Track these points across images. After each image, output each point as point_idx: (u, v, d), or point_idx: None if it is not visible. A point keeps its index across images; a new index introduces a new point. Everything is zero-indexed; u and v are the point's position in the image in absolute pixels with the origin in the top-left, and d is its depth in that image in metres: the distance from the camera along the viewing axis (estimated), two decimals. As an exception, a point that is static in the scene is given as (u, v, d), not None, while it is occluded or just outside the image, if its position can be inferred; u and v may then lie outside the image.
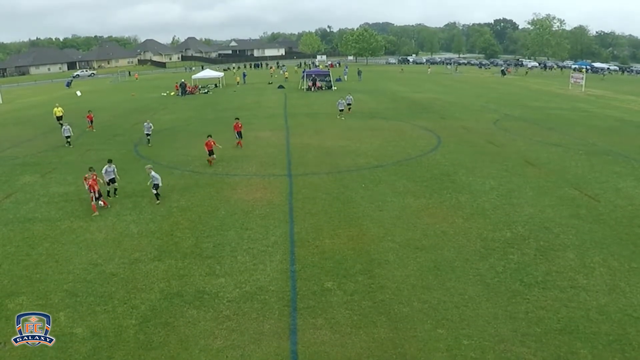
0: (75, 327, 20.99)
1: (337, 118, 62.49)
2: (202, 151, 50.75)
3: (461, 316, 21.56)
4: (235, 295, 23.52)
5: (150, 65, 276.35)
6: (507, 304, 22.61)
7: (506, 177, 41.66)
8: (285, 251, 28.21)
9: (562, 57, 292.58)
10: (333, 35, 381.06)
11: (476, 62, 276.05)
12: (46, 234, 31.35)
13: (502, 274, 25.37)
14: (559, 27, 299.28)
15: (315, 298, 23.20)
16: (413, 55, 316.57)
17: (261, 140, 57.86)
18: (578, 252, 27.84)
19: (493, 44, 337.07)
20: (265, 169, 44.77)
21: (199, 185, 40.47)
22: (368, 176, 41.94)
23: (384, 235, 30.22)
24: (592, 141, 56.09)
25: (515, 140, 57.68)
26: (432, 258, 27.13)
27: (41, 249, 29.07)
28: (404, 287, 24.07)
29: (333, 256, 27.45)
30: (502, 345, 19.48)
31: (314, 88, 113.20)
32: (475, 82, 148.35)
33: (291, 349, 19.38)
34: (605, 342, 19.75)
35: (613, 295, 23.37)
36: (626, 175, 43.13)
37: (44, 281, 25.20)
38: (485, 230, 30.95)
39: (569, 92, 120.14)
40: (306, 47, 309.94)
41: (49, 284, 24.93)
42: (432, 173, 43.04)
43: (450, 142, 55.89)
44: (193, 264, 26.74)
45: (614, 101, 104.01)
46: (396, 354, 19.05)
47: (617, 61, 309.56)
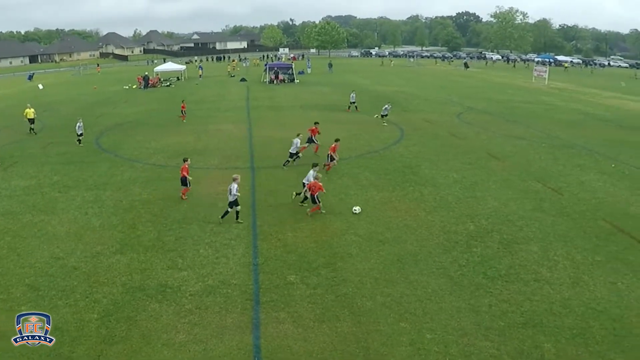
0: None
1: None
2: (164, 144, 50.66)
3: (424, 310, 21.59)
4: (197, 288, 23.38)
5: (112, 58, 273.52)
6: (470, 297, 22.70)
7: (469, 170, 41.86)
8: (247, 244, 28.11)
9: (525, 50, 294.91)
10: (296, 28, 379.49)
11: (439, 55, 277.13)
12: (7, 228, 30.88)
13: (466, 267, 25.48)
14: (522, 20, 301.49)
15: (278, 292, 23.12)
16: (376, 48, 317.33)
17: (224, 133, 57.57)
18: (541, 246, 28.06)
19: (456, 37, 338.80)
20: (227, 161, 44.56)
21: (161, 178, 40.17)
22: (331, 169, 41.69)
23: (346, 228, 30.23)
24: (555, 134, 56.56)
25: (478, 133, 58.04)
26: (395, 251, 27.17)
27: (2, 243, 28.63)
28: (367, 281, 24.08)
29: (296, 249, 27.41)
30: (466, 339, 19.53)
31: (277, 81, 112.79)
32: (438, 75, 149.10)
33: (254, 343, 19.30)
34: (569, 336, 19.88)
35: (576, 289, 23.56)
36: (589, 168, 43.55)
37: (5, 275, 24.84)
38: (448, 223, 31.07)
39: (532, 85, 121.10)
40: (269, 40, 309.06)
41: (10, 278, 24.58)
42: (395, 166, 43.14)
43: (413, 135, 56.05)
44: (155, 258, 26.52)
45: (577, 94, 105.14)
46: (359, 348, 19.04)
47: (581, 54, 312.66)
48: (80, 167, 40.94)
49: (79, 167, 41.39)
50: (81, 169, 40.55)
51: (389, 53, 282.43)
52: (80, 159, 43.70)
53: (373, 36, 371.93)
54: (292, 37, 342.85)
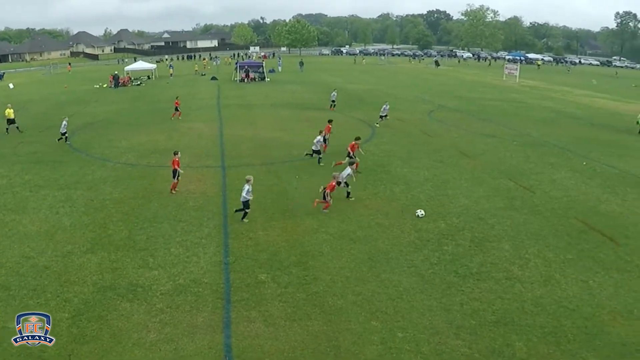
0: (8, 322, 20.22)
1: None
2: (135, 142, 50.31)
3: (395, 308, 21.57)
4: (168, 287, 23.22)
5: (83, 57, 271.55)
6: (441, 295, 22.70)
7: (441, 168, 41.93)
8: (218, 243, 27.96)
9: (496, 48, 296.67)
10: (266, 26, 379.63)
11: (410, 53, 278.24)
12: (-23, 228, 30.56)
13: (437, 265, 25.49)
14: (493, 18, 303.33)
15: (249, 290, 23.01)
16: (347, 47, 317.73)
17: (194, 131, 57.20)
18: (513, 244, 28.16)
19: (427, 34, 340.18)
20: (198, 160, 44.30)
21: (132, 177, 39.84)
22: (302, 168, 41.85)
23: (318, 227, 30.18)
24: (526, 132, 56.87)
25: (450, 131, 58.21)
26: (367, 250, 27.14)
27: (-28, 242, 28.33)
28: (338, 279, 24.04)
29: (267, 248, 27.29)
30: (437, 338, 19.52)
31: (248, 80, 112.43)
32: (409, 73, 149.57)
33: (225, 342, 19.19)
34: (541, 335, 19.95)
35: (548, 287, 23.66)
36: (561, 166, 43.82)
37: (-25, 275, 24.57)
38: (419, 221, 31.06)
39: (503, 83, 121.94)
40: (239, 38, 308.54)
41: (-20, 277, 24.33)
42: (366, 164, 43.04)
43: (384, 133, 56.07)
44: (126, 257, 26.28)
45: (548, 92, 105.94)
46: (330, 347, 18.98)
47: (552, 52, 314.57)
48: (51, 166, 40.61)
49: (50, 166, 41.06)
50: (52, 168, 40.24)
51: (359, 51, 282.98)
52: (51, 158, 43.34)
53: (344, 34, 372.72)
54: (262, 36, 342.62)
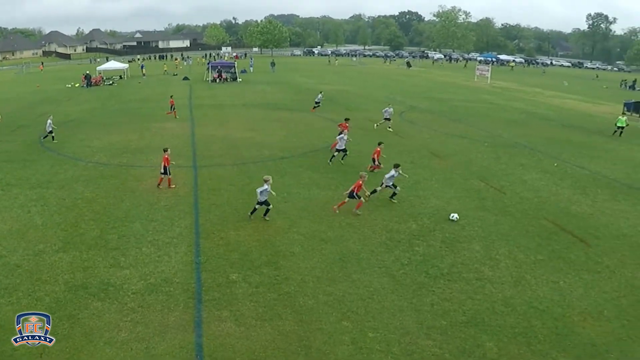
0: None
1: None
2: (107, 142, 50.06)
3: (366, 309, 21.63)
4: (140, 287, 23.13)
5: (55, 57, 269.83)
6: (412, 296, 22.79)
7: (412, 169, 41.96)
8: (190, 243, 27.91)
9: (468, 49, 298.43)
10: (238, 26, 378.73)
11: (381, 54, 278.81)
12: (-52, 227, 30.31)
13: (408, 265, 25.59)
14: (465, 19, 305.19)
15: (221, 290, 22.98)
16: (318, 47, 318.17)
17: (166, 131, 56.98)
18: (484, 244, 28.35)
19: (398, 36, 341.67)
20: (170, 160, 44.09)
21: (104, 176, 39.58)
22: (273, 168, 41.78)
23: (289, 227, 30.20)
24: (497, 133, 57.18)
25: (421, 132, 58.46)
26: (338, 250, 27.20)
27: (-58, 242, 28.11)
28: (309, 279, 24.08)
29: (238, 248, 27.27)
30: (408, 338, 19.61)
31: (219, 80, 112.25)
32: (381, 74, 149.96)
33: (196, 342, 19.18)
34: (511, 335, 20.10)
35: (519, 288, 23.85)
36: (532, 167, 44.17)
37: (-55, 274, 24.38)
38: (391, 222, 31.18)
39: (474, 84, 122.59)
40: (211, 38, 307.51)
41: (-49, 276, 24.14)
42: (338, 165, 43.18)
43: (356, 133, 56.00)
44: (98, 256, 26.13)
45: (519, 93, 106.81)
46: (301, 347, 19.01)
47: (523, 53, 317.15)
48: (23, 165, 40.39)
49: (22, 165, 40.83)
50: (24, 167, 40.03)
51: (331, 52, 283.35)
52: (23, 157, 43.11)
53: (316, 35, 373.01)
54: (235, 36, 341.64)
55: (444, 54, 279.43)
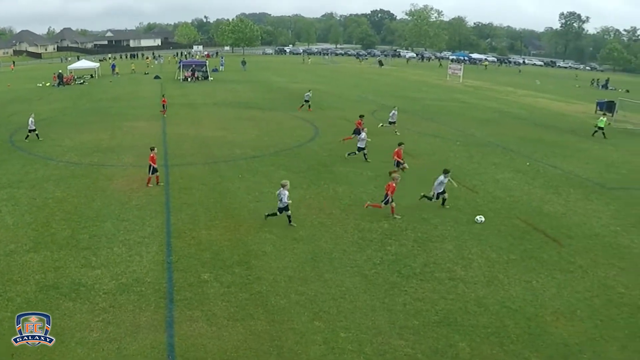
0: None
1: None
2: (78, 141, 49.84)
3: (338, 308, 21.65)
4: (111, 287, 23.02)
5: (26, 56, 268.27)
6: (384, 296, 22.83)
7: (384, 168, 41.72)
8: (161, 242, 27.83)
9: (440, 48, 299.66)
10: (210, 25, 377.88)
11: (353, 53, 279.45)
12: None
13: (380, 265, 25.62)
14: (437, 18, 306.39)
15: (192, 290, 22.94)
16: (290, 46, 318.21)
17: (138, 130, 56.79)
18: (456, 244, 28.43)
19: (370, 34, 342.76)
20: (141, 159, 43.53)
21: (75, 176, 39.37)
22: (245, 167, 41.85)
23: (261, 226, 30.15)
24: (470, 132, 57.43)
25: (393, 131, 58.38)
26: (310, 249, 27.22)
27: None
28: (281, 279, 24.06)
29: (210, 247, 27.23)
30: (380, 338, 19.62)
31: (191, 79, 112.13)
32: (352, 73, 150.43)
33: (168, 342, 19.13)
34: (484, 335, 20.16)
35: (491, 287, 23.93)
36: (504, 166, 44.43)
37: None
38: (363, 221, 31.21)
39: (447, 83, 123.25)
40: (182, 37, 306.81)
41: None
42: (310, 164, 43.25)
43: (328, 132, 56.21)
44: (69, 256, 25.98)
45: (491, 92, 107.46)
46: (273, 347, 18.99)
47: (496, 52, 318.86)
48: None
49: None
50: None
51: (303, 51, 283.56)
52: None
53: (287, 34, 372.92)
54: (206, 35, 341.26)
55: (416, 53, 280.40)
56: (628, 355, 19.35)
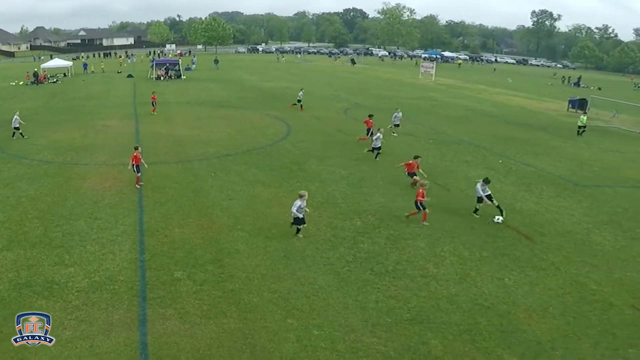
0: None
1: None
2: (51, 140, 49.56)
3: (311, 306, 21.72)
4: (84, 285, 22.95)
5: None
6: (357, 293, 22.90)
7: (357, 166, 42.25)
8: (134, 240, 27.79)
9: (412, 47, 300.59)
10: (182, 24, 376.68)
11: (326, 51, 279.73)
12: None
13: (353, 263, 25.70)
14: (409, 17, 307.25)
15: (165, 288, 22.94)
16: (262, 44, 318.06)
17: (111, 129, 56.52)
18: (429, 241, 28.53)
19: (343, 33, 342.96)
20: (114, 158, 43.74)
21: (48, 174, 39.17)
22: (218, 165, 41.81)
23: (233, 224, 30.18)
24: (442, 130, 57.64)
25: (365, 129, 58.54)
26: (283, 247, 27.26)
27: None
28: (254, 277, 24.09)
29: (183, 245, 27.23)
30: (353, 336, 19.70)
31: (165, 77, 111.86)
32: (325, 71, 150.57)
33: (141, 340, 19.12)
34: (456, 332, 20.28)
35: (464, 285, 24.08)
36: (476, 164, 44.73)
37: None
38: (335, 219, 31.31)
39: (419, 82, 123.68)
40: (155, 36, 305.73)
41: None
42: (282, 162, 43.27)
43: (300, 131, 56.29)
44: (42, 254, 25.89)
45: (464, 90, 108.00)
46: (246, 344, 19.03)
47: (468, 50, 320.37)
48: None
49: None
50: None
51: (276, 49, 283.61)
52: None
53: (260, 32, 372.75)
54: (179, 34, 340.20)
55: (389, 51, 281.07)
56: (600, 352, 19.51)
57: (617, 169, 47.09)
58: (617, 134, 67.28)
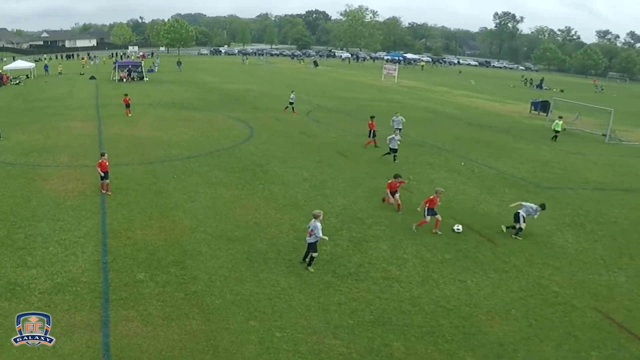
0: None
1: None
2: (14, 142, 49.15)
3: (274, 308, 21.79)
4: (47, 286, 22.84)
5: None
6: (319, 295, 23.02)
7: (319, 168, 42.38)
8: (97, 242, 27.64)
9: (375, 49, 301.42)
10: (145, 26, 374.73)
11: (288, 53, 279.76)
12: None
13: (315, 265, 25.72)
14: (372, 19, 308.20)
15: (128, 290, 22.88)
16: (225, 46, 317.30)
17: (73, 130, 56.03)
18: (391, 244, 28.70)
19: (305, 35, 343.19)
20: (77, 159, 43.50)
21: (10, 176, 38.84)
22: (180, 167, 41.69)
23: (196, 226, 30.16)
24: (405, 132, 57.58)
25: (328, 131, 58.86)
26: (245, 249, 27.29)
27: None
28: (217, 279, 24.13)
29: (145, 247, 27.17)
30: (315, 337, 19.80)
31: (127, 79, 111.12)
32: (288, 73, 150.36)
33: (103, 342, 19.08)
34: (418, 334, 20.45)
35: (426, 287, 24.26)
36: (439, 166, 44.99)
37: None
38: (298, 221, 31.33)
39: (381, 84, 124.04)
40: (118, 38, 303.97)
41: None
42: (245, 164, 43.22)
43: (262, 133, 56.25)
44: (4, 255, 25.71)
45: (426, 92, 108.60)
46: (209, 346, 19.08)
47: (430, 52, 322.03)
48: None
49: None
50: None
51: (238, 51, 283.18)
52: None
53: (222, 34, 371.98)
54: (142, 35, 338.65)
55: (351, 53, 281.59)
56: (562, 354, 19.80)
57: (579, 171, 47.69)
58: (580, 136, 67.88)
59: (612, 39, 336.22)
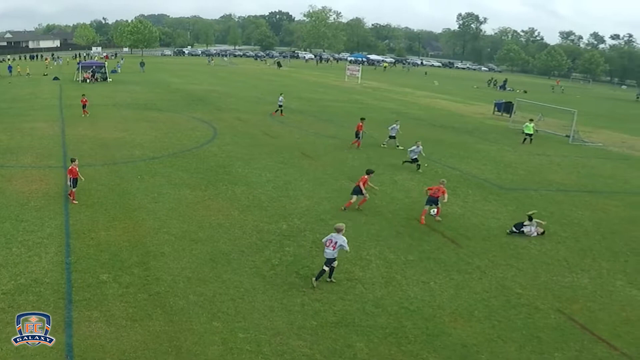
0: None
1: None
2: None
3: (237, 309, 21.76)
4: (9, 287, 22.65)
5: None
6: (283, 296, 23.00)
7: (282, 169, 42.40)
8: (60, 243, 27.44)
9: (339, 49, 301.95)
10: (109, 27, 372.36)
11: (252, 54, 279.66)
12: None
13: (279, 266, 25.81)
14: (335, 20, 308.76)
15: (91, 290, 22.73)
16: (189, 47, 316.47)
17: (36, 131, 55.45)
18: (354, 245, 28.36)
19: (269, 35, 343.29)
20: (41, 160, 43.23)
21: (-27, 177, 38.51)
22: (144, 168, 41.51)
23: (159, 227, 30.07)
24: (368, 133, 57.78)
25: (291, 132, 58.92)
26: (208, 250, 27.24)
27: None
28: (180, 280, 24.06)
29: (109, 248, 27.01)
30: (278, 339, 19.80)
31: (90, 80, 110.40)
32: (251, 74, 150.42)
33: (66, 342, 18.94)
34: (382, 335, 20.50)
35: (389, 288, 24.33)
36: (402, 167, 45.11)
37: None
38: (261, 222, 31.35)
39: (345, 84, 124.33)
40: (81, 39, 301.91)
41: None
42: (208, 165, 43.15)
43: (226, 133, 56.18)
44: (-32, 256, 25.63)
45: (390, 93, 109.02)
46: (172, 347, 19.04)
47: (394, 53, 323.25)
48: None
49: None
50: None
51: (202, 52, 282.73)
52: None
53: (186, 35, 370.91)
54: (105, 36, 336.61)
55: (315, 54, 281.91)
56: (525, 356, 19.92)
57: (542, 172, 48.15)
58: (543, 137, 68.34)
59: (576, 40, 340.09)
